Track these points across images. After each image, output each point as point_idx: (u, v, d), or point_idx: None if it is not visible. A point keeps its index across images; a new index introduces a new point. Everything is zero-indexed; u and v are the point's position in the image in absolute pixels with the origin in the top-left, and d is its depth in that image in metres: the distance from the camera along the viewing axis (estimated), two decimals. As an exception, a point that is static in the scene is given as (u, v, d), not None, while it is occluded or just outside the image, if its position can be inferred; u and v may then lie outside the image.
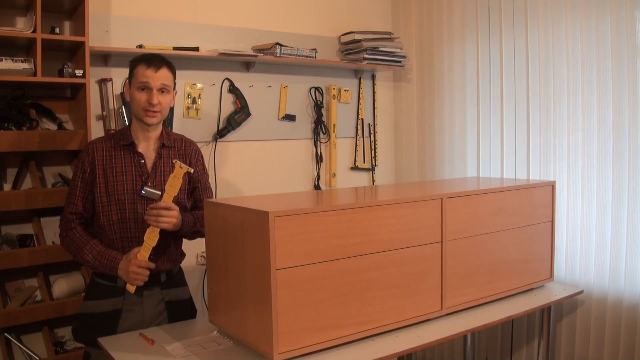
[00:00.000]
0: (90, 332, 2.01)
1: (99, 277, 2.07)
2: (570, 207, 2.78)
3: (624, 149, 2.56)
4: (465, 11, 3.28)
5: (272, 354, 1.66)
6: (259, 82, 3.24)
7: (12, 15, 2.54)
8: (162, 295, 2.09)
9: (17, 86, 2.50)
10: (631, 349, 2.51)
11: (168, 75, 2.01)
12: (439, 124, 3.47)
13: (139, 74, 1.98)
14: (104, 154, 2.02)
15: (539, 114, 2.91)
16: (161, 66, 1.98)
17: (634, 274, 2.53)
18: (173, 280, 2.15)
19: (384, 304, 1.91)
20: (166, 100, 2.02)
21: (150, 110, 1.98)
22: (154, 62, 1.97)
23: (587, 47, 2.68)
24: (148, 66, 1.97)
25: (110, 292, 2.03)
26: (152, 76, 1.96)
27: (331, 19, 3.55)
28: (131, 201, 2.01)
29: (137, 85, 1.98)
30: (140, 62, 1.99)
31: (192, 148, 2.18)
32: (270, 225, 1.61)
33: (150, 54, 2.04)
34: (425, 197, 2.04)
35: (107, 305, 2.03)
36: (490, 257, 2.25)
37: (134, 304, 2.04)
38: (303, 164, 3.48)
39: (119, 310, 2.03)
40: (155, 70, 1.96)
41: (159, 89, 1.98)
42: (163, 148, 2.08)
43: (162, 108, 2.01)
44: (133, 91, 2.00)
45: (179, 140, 2.16)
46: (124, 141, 2.04)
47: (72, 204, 2.02)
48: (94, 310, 2.04)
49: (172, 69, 2.04)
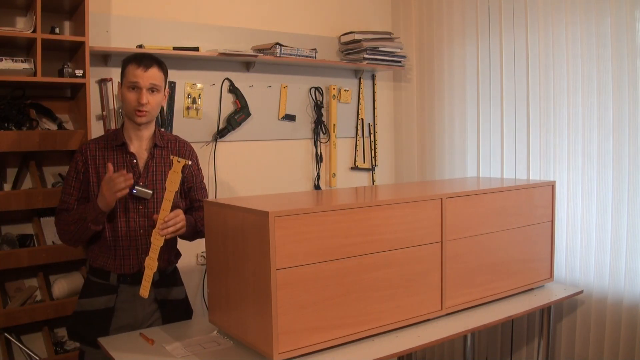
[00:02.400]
0: (83, 330, 2.02)
1: (94, 275, 2.07)
2: (570, 207, 2.78)
3: (624, 149, 2.56)
4: (465, 11, 3.28)
5: (272, 354, 1.66)
6: (259, 82, 3.24)
7: (12, 15, 2.54)
8: (155, 294, 2.08)
9: (17, 86, 2.50)
10: (631, 349, 2.51)
11: (158, 75, 2.00)
12: (439, 124, 3.47)
13: (129, 74, 1.98)
14: (97, 154, 2.03)
15: (539, 114, 2.91)
16: (151, 65, 1.98)
17: (634, 274, 2.53)
18: (167, 279, 2.15)
19: (384, 304, 1.91)
20: (156, 99, 2.02)
21: (140, 109, 1.98)
22: (143, 62, 1.97)
23: (587, 48, 2.68)
24: (138, 65, 1.97)
25: (103, 290, 2.04)
26: (142, 75, 1.96)
27: (331, 19, 3.55)
28: (122, 201, 2.00)
29: (127, 84, 1.99)
30: (131, 61, 1.99)
31: (186, 148, 2.18)
32: (270, 225, 1.61)
33: (141, 53, 2.04)
34: (425, 197, 2.04)
35: (99, 302, 2.03)
36: (490, 257, 2.25)
37: (127, 302, 2.04)
38: (303, 164, 3.48)
39: (112, 309, 2.03)
40: (145, 70, 1.96)
41: (148, 88, 1.98)
42: (155, 148, 2.08)
43: (152, 107, 2.01)
44: (124, 90, 2.01)
45: (173, 140, 2.17)
46: (116, 141, 2.05)
47: (65, 202, 2.03)
48: (87, 308, 2.04)
49: (162, 68, 2.03)
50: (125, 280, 2.04)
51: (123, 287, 2.04)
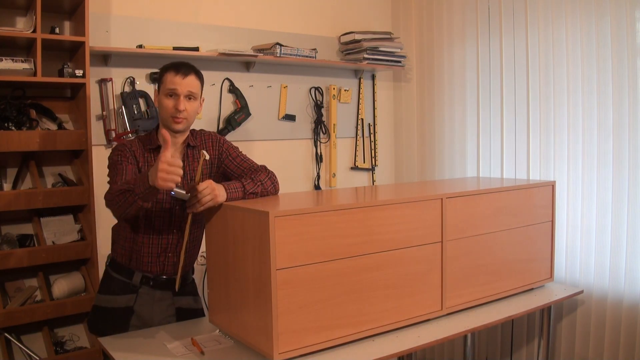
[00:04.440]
0: (103, 326, 2.05)
1: (116, 270, 2.09)
2: (570, 207, 2.78)
3: (624, 149, 2.56)
4: (465, 11, 3.28)
5: (272, 354, 1.66)
6: (259, 82, 3.24)
7: (12, 15, 2.54)
8: (174, 300, 2.11)
9: (17, 86, 2.50)
10: (631, 349, 2.51)
11: (195, 83, 2.01)
12: (439, 124, 3.47)
13: (167, 81, 1.98)
14: (138, 153, 2.03)
15: (539, 114, 2.91)
16: (189, 73, 1.99)
17: (634, 274, 2.53)
18: (186, 288, 2.17)
19: (384, 304, 1.91)
20: (193, 107, 2.02)
21: (177, 116, 1.98)
22: (182, 69, 1.98)
23: (587, 47, 2.68)
24: (176, 73, 1.97)
25: (124, 288, 2.06)
26: (180, 82, 1.97)
27: (331, 19, 3.55)
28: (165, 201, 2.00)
29: (165, 91, 1.99)
30: (169, 69, 2.00)
31: (210, 139, 2.15)
32: (270, 225, 1.61)
33: (179, 61, 2.04)
34: (425, 197, 2.04)
35: (120, 301, 2.05)
36: (490, 257, 2.25)
37: (146, 305, 2.06)
38: (303, 164, 3.48)
39: (131, 309, 2.05)
40: (183, 77, 1.97)
41: (186, 95, 1.98)
42: (188, 148, 2.09)
43: (189, 114, 2.01)
44: (161, 97, 2.01)
45: (199, 135, 2.15)
46: (151, 145, 2.05)
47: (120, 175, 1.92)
48: (106, 305, 2.07)
49: (200, 76, 2.04)
50: (147, 282, 2.05)
51: (144, 288, 2.06)
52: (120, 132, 2.78)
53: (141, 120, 2.80)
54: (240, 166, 2.10)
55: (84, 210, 2.61)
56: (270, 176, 2.03)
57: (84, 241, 2.55)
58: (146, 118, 2.81)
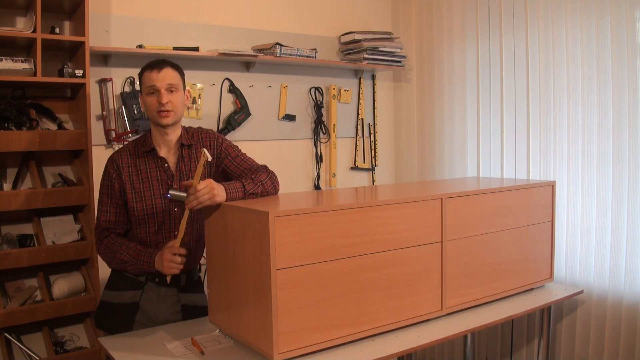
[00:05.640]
0: (109, 321, 2.07)
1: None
2: (570, 207, 2.78)
3: (624, 149, 2.56)
4: (465, 11, 3.28)
5: (272, 354, 1.66)
6: (259, 82, 3.24)
7: (12, 15, 2.54)
8: (179, 297, 2.12)
9: (17, 86, 2.50)
10: (631, 349, 2.51)
11: (173, 74, 2.01)
12: (439, 124, 3.47)
13: (145, 80, 2.00)
14: (128, 162, 2.04)
15: (539, 114, 2.91)
16: (164, 67, 1.99)
17: (634, 274, 2.53)
18: (192, 285, 2.17)
19: (384, 304, 1.91)
20: (177, 98, 2.01)
21: (162, 110, 1.98)
22: (156, 66, 1.99)
23: (587, 47, 2.68)
24: (151, 70, 1.99)
25: (130, 284, 2.07)
26: (157, 77, 1.97)
27: (331, 19, 3.55)
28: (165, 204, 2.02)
29: (146, 91, 2.00)
30: (145, 69, 2.01)
31: (208, 138, 2.14)
32: (270, 225, 1.61)
33: (153, 60, 2.05)
34: (425, 197, 2.03)
35: (126, 296, 2.06)
36: (490, 257, 2.25)
37: (151, 302, 2.07)
38: (303, 164, 3.48)
39: (137, 305, 2.06)
40: (159, 71, 1.98)
41: (166, 88, 1.98)
42: (183, 148, 2.09)
43: (175, 107, 2.00)
44: (144, 98, 2.01)
45: (196, 133, 2.14)
46: (145, 148, 2.05)
47: (104, 212, 2.04)
48: (112, 300, 2.08)
49: (176, 68, 2.04)
50: (152, 279, 2.06)
51: (150, 285, 2.07)
52: (120, 132, 2.78)
53: (141, 120, 2.80)
54: (240, 166, 2.10)
55: (84, 210, 2.61)
56: (271, 176, 2.04)
57: (84, 241, 2.55)
58: (146, 118, 2.81)
